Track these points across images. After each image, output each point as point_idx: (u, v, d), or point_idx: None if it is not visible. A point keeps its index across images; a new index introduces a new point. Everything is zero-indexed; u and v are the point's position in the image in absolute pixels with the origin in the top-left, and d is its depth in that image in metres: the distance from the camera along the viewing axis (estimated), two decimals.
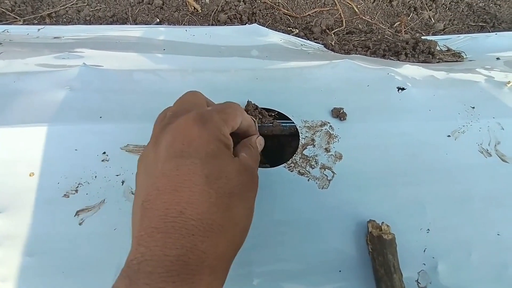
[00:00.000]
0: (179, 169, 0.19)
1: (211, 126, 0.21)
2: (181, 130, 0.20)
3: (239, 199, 0.21)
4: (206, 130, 0.20)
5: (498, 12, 0.77)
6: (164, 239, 0.17)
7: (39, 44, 0.45)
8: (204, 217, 0.18)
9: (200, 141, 0.20)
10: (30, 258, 0.25)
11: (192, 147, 0.20)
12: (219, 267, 0.19)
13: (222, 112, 0.23)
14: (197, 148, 0.20)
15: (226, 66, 0.42)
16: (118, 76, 0.37)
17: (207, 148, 0.20)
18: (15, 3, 0.63)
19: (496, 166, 0.35)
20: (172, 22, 0.67)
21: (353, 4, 0.73)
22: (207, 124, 0.21)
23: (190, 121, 0.20)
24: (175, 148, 0.19)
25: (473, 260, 0.30)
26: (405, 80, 0.40)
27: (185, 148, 0.19)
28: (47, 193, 0.27)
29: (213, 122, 0.21)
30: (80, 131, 0.30)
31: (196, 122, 0.20)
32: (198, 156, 0.19)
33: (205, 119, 0.21)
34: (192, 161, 0.19)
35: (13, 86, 0.34)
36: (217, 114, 0.22)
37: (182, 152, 0.19)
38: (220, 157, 0.20)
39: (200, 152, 0.20)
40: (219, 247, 0.19)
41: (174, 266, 0.17)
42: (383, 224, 0.29)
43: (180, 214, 0.18)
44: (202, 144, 0.20)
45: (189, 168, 0.19)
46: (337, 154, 0.33)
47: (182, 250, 0.17)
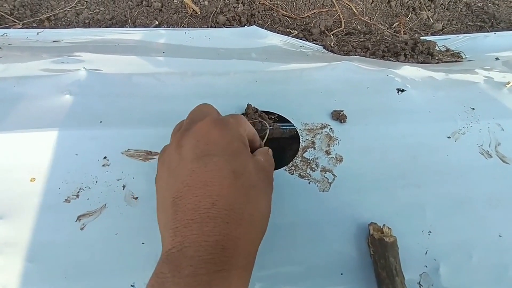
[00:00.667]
0: (207, 165, 0.20)
1: (230, 128, 0.23)
2: (204, 133, 0.22)
3: (261, 192, 0.23)
4: (227, 131, 0.23)
5: (497, 11, 0.77)
6: (201, 227, 0.19)
7: (39, 48, 0.45)
8: (236, 207, 0.20)
9: (223, 141, 0.22)
10: (31, 264, 0.25)
11: (217, 146, 0.21)
12: (251, 251, 0.22)
13: (235, 118, 0.25)
14: (222, 146, 0.22)
15: (226, 69, 0.42)
16: (117, 80, 0.37)
17: (231, 147, 0.22)
18: (14, 7, 0.63)
19: (497, 167, 0.35)
20: (171, 25, 0.67)
21: (351, 5, 0.74)
22: (227, 126, 0.23)
23: (211, 125, 0.22)
24: (201, 148, 0.21)
25: (474, 261, 0.30)
26: (404, 81, 0.40)
27: (210, 148, 0.21)
28: (48, 198, 0.27)
29: (231, 124, 0.24)
30: (81, 136, 0.30)
31: (217, 125, 0.22)
32: (224, 153, 0.21)
33: (224, 122, 0.23)
34: (218, 158, 0.21)
35: (12, 91, 0.34)
36: (232, 119, 0.25)
37: (209, 151, 0.21)
38: (242, 154, 0.22)
39: (225, 150, 0.21)
40: (251, 234, 0.21)
41: (214, 250, 0.19)
42: (385, 227, 0.29)
43: (212, 205, 0.19)
44: (225, 143, 0.22)
45: (216, 164, 0.21)
46: (337, 157, 0.33)
47: (220, 236, 0.19)
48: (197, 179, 0.20)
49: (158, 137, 0.32)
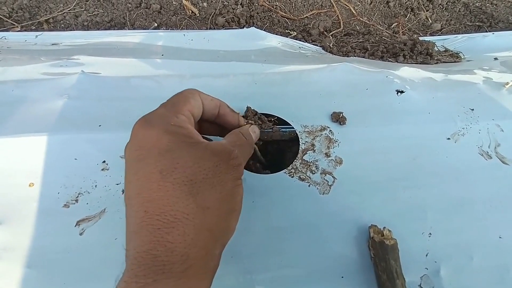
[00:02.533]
0: (138, 173, 0.20)
1: (156, 123, 0.21)
2: (133, 138, 0.21)
3: (205, 184, 0.21)
4: (152, 129, 0.21)
5: (495, 11, 0.77)
6: (136, 239, 0.19)
7: (37, 51, 0.45)
8: (166, 210, 0.19)
9: (149, 141, 0.21)
10: (30, 269, 0.24)
11: (144, 149, 0.21)
12: (194, 254, 0.19)
13: (168, 104, 0.24)
14: (149, 148, 0.21)
15: (225, 71, 0.42)
16: (116, 83, 0.37)
17: (159, 145, 0.21)
18: (12, 9, 0.63)
19: (497, 168, 0.35)
20: (170, 26, 0.67)
21: (350, 6, 0.74)
22: (152, 123, 0.22)
23: (137, 127, 0.22)
24: (132, 155, 0.21)
25: (475, 263, 0.30)
26: (403, 83, 0.40)
27: (138, 152, 0.21)
28: (47, 203, 0.27)
29: (158, 119, 0.22)
30: (80, 141, 0.30)
31: (141, 126, 0.22)
32: (151, 155, 0.20)
33: (149, 119, 0.22)
34: (146, 162, 0.20)
35: (11, 94, 0.34)
36: (162, 109, 0.23)
37: (138, 156, 0.20)
38: (175, 149, 0.21)
39: (152, 151, 0.20)
40: (189, 235, 0.19)
41: (144, 261, 0.18)
42: (385, 229, 0.29)
43: (145, 213, 0.19)
44: (152, 143, 0.21)
45: (144, 169, 0.20)
46: (337, 159, 0.33)
47: (151, 244, 0.18)
48: (132, 189, 0.20)
49: None
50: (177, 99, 0.24)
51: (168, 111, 0.23)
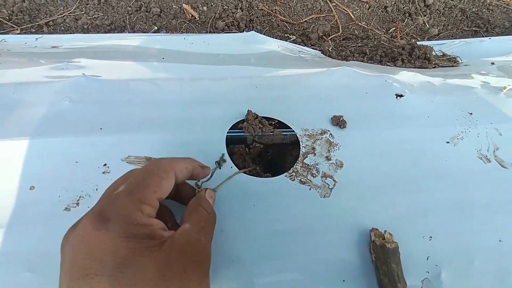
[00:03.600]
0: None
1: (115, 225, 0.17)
2: (81, 240, 0.17)
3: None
4: (108, 232, 0.17)
5: (491, 17, 0.79)
6: None
7: (38, 54, 0.45)
8: None
9: (103, 249, 0.17)
10: (30, 273, 0.24)
11: (96, 260, 0.16)
12: None
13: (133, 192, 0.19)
14: (102, 259, 0.16)
15: (225, 75, 0.42)
16: (117, 86, 0.37)
17: (114, 257, 0.17)
18: (12, 12, 0.63)
19: (496, 172, 0.35)
20: (170, 30, 0.67)
21: (349, 11, 0.74)
22: (109, 223, 0.17)
23: (88, 226, 0.17)
24: (78, 265, 0.16)
25: (476, 266, 0.30)
26: (402, 87, 0.41)
27: (88, 264, 0.16)
28: (48, 206, 0.27)
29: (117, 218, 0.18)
30: (81, 144, 0.30)
31: (95, 225, 0.17)
32: (105, 270, 0.16)
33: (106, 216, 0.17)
34: (97, 280, 0.16)
35: (12, 97, 0.34)
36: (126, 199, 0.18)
37: (86, 270, 0.16)
38: (134, 261, 0.17)
39: (106, 264, 0.16)
40: None
41: None
42: (386, 233, 0.29)
43: None
44: (107, 253, 0.16)
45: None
46: (338, 162, 0.33)
47: None
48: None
49: (158, 144, 0.32)
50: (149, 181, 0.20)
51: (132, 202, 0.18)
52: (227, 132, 0.34)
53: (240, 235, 0.28)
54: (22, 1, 0.64)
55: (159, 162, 0.22)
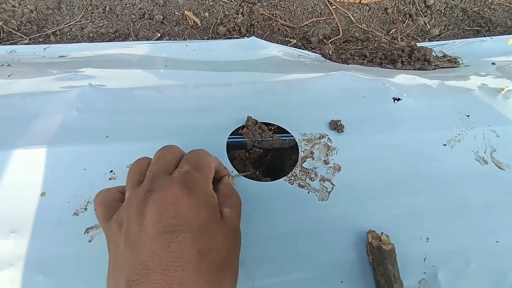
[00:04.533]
0: (170, 245, 0.18)
1: (199, 191, 0.20)
2: (169, 203, 0.19)
3: (228, 269, 0.20)
4: (196, 198, 0.19)
5: (493, 16, 0.78)
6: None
7: (46, 64, 0.47)
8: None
9: (191, 212, 0.19)
10: (42, 276, 0.26)
11: (183, 219, 0.19)
12: None
13: (200, 169, 0.22)
14: (189, 220, 0.19)
15: (226, 81, 0.44)
16: (122, 95, 0.38)
17: (198, 219, 0.19)
18: (21, 23, 0.65)
19: (493, 173, 0.35)
20: (172, 36, 0.69)
21: (349, 13, 0.75)
22: (195, 190, 0.20)
23: (177, 190, 0.19)
24: (165, 222, 0.18)
25: (473, 267, 0.31)
26: (400, 90, 0.41)
27: (175, 221, 0.18)
28: (58, 212, 0.28)
29: (200, 187, 0.20)
30: (88, 152, 0.31)
31: (183, 190, 0.19)
32: (190, 229, 0.18)
33: (192, 184, 0.20)
34: (184, 236, 0.18)
35: (23, 107, 0.36)
36: (199, 174, 0.21)
37: (173, 226, 0.18)
38: (211, 226, 0.20)
39: (191, 224, 0.19)
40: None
41: None
42: (383, 234, 0.30)
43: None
44: (193, 215, 0.19)
45: (180, 244, 0.18)
46: (336, 166, 0.34)
47: None
48: (157, 261, 0.17)
49: None
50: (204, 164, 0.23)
51: (204, 176, 0.21)
52: (228, 138, 0.35)
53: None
54: (30, 12, 0.66)
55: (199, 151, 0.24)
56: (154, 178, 0.21)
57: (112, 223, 0.21)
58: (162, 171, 0.21)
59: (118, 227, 0.20)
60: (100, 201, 0.23)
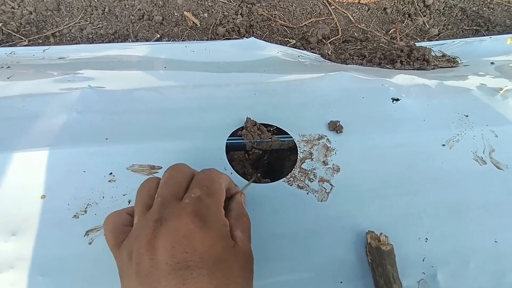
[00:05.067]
0: (185, 283, 0.17)
1: (212, 223, 0.19)
2: (182, 236, 0.18)
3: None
4: (209, 230, 0.19)
5: (492, 15, 0.78)
6: None
7: (45, 66, 0.47)
8: None
9: (204, 246, 0.18)
10: (42, 278, 0.26)
11: (196, 254, 0.18)
12: None
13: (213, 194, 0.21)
14: (203, 254, 0.18)
15: (226, 81, 0.44)
16: (121, 96, 0.39)
17: (213, 252, 0.18)
18: (20, 24, 0.65)
19: (491, 173, 0.35)
20: (172, 37, 0.69)
21: (348, 13, 0.75)
22: (208, 220, 0.19)
23: (189, 222, 0.18)
24: (178, 257, 0.17)
25: (472, 267, 0.31)
26: (399, 90, 0.41)
27: (189, 257, 0.17)
28: (58, 214, 0.28)
29: (213, 216, 0.19)
30: (88, 154, 0.31)
31: (195, 222, 0.18)
32: (205, 264, 0.18)
33: (204, 214, 0.19)
34: (199, 272, 0.17)
35: (22, 109, 0.36)
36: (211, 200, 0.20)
37: (187, 262, 0.17)
38: (227, 259, 0.19)
39: (206, 259, 0.18)
40: None
41: None
42: (382, 235, 0.30)
43: None
44: (207, 249, 0.18)
45: (196, 281, 0.17)
46: (335, 167, 0.34)
47: None
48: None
49: (160, 152, 0.33)
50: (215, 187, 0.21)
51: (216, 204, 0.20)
52: (227, 140, 0.35)
53: None
54: (29, 13, 0.66)
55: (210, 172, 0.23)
56: (163, 204, 0.20)
57: (122, 251, 0.20)
58: (172, 196, 0.20)
59: (128, 257, 0.19)
60: (109, 226, 0.22)
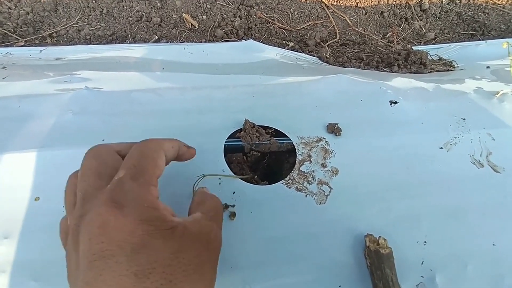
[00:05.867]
0: (102, 273, 0.16)
1: (130, 208, 0.18)
2: (97, 225, 0.17)
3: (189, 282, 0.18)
4: (125, 217, 0.17)
5: (487, 20, 0.79)
6: None
7: (42, 67, 0.47)
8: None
9: (122, 234, 0.17)
10: (35, 282, 0.25)
11: (113, 243, 0.17)
12: None
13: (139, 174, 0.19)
14: (120, 242, 0.17)
15: (224, 83, 0.43)
16: (118, 97, 0.38)
17: (132, 239, 0.17)
18: (17, 25, 0.65)
19: (489, 176, 0.36)
20: (170, 39, 0.68)
21: (346, 17, 0.75)
22: (125, 207, 0.18)
23: (103, 211, 0.17)
24: (94, 249, 0.17)
25: (470, 271, 0.31)
26: (397, 93, 0.42)
27: (105, 247, 0.17)
28: (52, 217, 0.28)
29: (131, 202, 0.18)
30: (84, 155, 0.31)
31: (111, 210, 0.17)
32: (123, 252, 0.17)
33: (121, 201, 0.18)
34: (115, 260, 0.17)
35: (17, 110, 0.35)
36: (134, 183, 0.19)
37: (103, 252, 0.17)
38: (151, 243, 0.17)
39: (124, 246, 0.17)
40: None
41: None
42: (380, 238, 0.30)
43: None
44: (126, 237, 0.17)
45: (113, 270, 0.16)
46: (333, 169, 0.34)
47: None
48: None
49: None
50: (145, 165, 0.20)
51: (139, 186, 0.19)
52: (225, 142, 0.34)
53: (237, 242, 0.29)
54: (26, 14, 0.66)
55: (146, 143, 0.22)
56: (84, 199, 0.19)
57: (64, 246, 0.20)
58: (93, 187, 0.19)
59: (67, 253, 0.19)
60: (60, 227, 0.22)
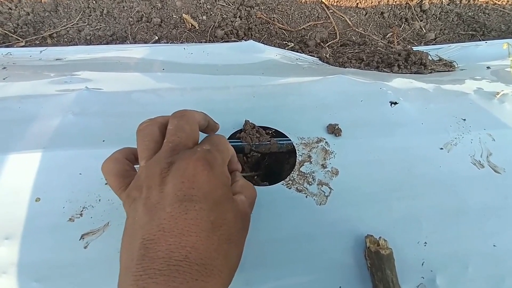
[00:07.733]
0: (188, 212, 0.20)
1: (218, 171, 0.22)
2: (191, 174, 0.21)
3: (235, 245, 0.22)
4: (214, 176, 0.21)
5: (487, 21, 0.79)
6: (167, 282, 0.17)
7: (42, 67, 0.47)
8: (207, 262, 0.19)
9: (209, 187, 0.21)
10: (37, 283, 0.25)
11: (201, 192, 0.20)
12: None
13: (220, 152, 0.24)
14: (206, 193, 0.21)
15: (224, 84, 0.43)
16: (119, 98, 0.38)
17: (215, 194, 0.21)
18: (17, 25, 0.65)
19: (489, 177, 0.36)
20: (170, 39, 0.68)
21: (346, 17, 0.75)
22: (215, 169, 0.22)
23: (199, 165, 0.21)
24: (185, 191, 0.20)
25: (470, 272, 0.31)
26: (397, 94, 0.42)
27: (194, 192, 0.20)
28: (53, 218, 0.28)
29: (219, 167, 0.22)
30: (84, 156, 0.31)
31: (205, 167, 0.21)
32: (207, 202, 0.20)
33: (212, 163, 0.22)
34: (200, 206, 0.20)
35: (17, 111, 0.35)
36: (219, 154, 0.23)
37: (192, 196, 0.20)
38: (224, 203, 0.22)
39: (208, 198, 0.21)
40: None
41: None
42: (381, 239, 0.30)
43: (185, 258, 0.18)
44: (211, 190, 0.21)
45: (197, 213, 0.20)
46: (333, 170, 0.34)
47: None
48: (174, 225, 0.19)
49: None
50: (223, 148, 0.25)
51: (222, 158, 0.23)
52: None
53: None
54: (27, 14, 0.66)
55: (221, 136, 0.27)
56: (174, 150, 0.22)
57: (131, 190, 0.22)
58: (183, 145, 0.23)
59: (138, 193, 0.21)
60: (112, 171, 0.24)
